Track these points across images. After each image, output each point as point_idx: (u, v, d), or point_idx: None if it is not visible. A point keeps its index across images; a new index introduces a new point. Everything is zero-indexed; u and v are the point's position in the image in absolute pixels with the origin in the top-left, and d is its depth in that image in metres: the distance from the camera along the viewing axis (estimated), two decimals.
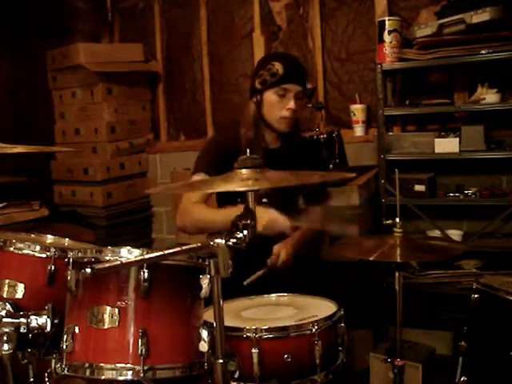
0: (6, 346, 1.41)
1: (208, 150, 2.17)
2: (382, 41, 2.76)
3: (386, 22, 2.76)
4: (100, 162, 3.59)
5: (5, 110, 3.52)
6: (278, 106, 2.06)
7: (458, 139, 2.64)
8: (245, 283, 1.89)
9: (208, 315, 1.41)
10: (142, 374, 1.30)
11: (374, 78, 2.87)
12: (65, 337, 1.36)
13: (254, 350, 1.44)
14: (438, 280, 2.63)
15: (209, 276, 1.26)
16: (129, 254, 1.39)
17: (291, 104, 2.05)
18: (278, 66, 2.03)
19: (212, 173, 1.93)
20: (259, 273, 1.94)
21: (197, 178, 2.04)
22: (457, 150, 2.63)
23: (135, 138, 3.81)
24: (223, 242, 1.22)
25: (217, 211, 2.06)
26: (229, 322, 1.40)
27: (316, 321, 1.52)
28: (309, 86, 2.20)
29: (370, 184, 2.88)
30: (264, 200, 1.94)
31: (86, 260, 1.40)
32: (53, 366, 1.39)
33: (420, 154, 2.76)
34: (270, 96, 2.06)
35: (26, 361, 1.53)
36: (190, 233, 2.11)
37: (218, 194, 2.13)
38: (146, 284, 1.32)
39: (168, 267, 1.37)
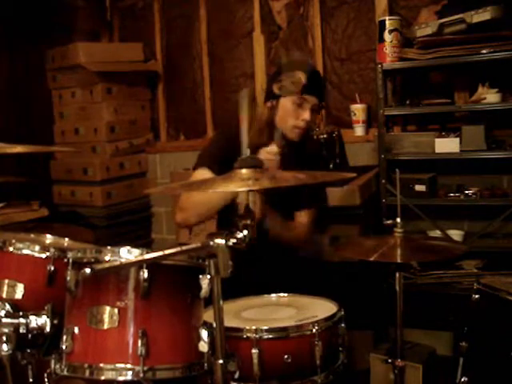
0: (5, 347, 1.41)
1: (212, 145, 2.16)
2: (382, 40, 2.76)
3: (387, 22, 2.75)
4: (99, 161, 3.59)
5: (4, 110, 3.51)
6: (293, 115, 2.03)
7: (458, 139, 2.64)
8: None
9: (208, 315, 1.40)
10: (141, 375, 1.30)
11: (374, 78, 2.86)
12: (64, 337, 1.36)
13: (254, 351, 1.44)
14: (438, 280, 2.62)
15: (209, 276, 1.26)
16: (129, 254, 1.38)
17: (306, 115, 2.02)
18: (300, 75, 2.01)
19: (215, 168, 1.92)
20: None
21: (199, 172, 2.03)
22: (457, 149, 2.63)
23: (135, 138, 3.80)
24: (223, 242, 1.21)
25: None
26: (229, 322, 1.39)
27: (316, 321, 1.52)
28: None
29: (371, 184, 2.88)
30: None
31: (85, 260, 1.39)
32: (52, 366, 1.38)
33: (420, 154, 2.76)
34: (286, 103, 2.03)
35: (25, 361, 1.53)
36: (193, 224, 2.08)
37: None
38: (145, 284, 1.32)
39: (168, 267, 1.37)
